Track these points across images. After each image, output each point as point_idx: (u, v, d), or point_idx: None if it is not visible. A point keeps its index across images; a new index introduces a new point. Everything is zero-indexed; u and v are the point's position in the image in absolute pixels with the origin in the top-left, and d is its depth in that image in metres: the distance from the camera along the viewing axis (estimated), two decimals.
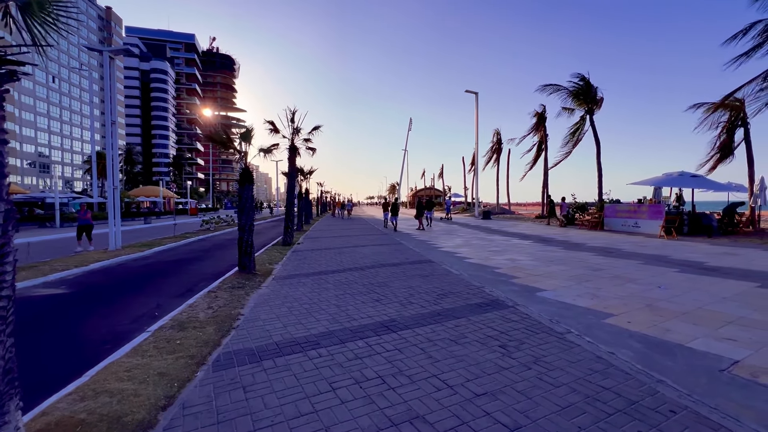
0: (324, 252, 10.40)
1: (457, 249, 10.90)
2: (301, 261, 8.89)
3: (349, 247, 11.54)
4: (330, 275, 7.08)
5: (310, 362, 3.48)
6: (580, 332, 4.20)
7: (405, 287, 6.04)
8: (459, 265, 8.11)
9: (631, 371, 3.33)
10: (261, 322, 4.52)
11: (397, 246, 11.51)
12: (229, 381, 3.20)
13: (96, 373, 3.41)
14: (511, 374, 3.25)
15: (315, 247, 11.75)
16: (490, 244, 12.11)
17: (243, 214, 7.35)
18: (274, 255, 9.95)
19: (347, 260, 8.85)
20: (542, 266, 7.92)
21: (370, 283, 6.33)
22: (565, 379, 3.18)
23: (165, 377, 3.28)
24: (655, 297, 5.44)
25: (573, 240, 12.70)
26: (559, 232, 16.06)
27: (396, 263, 8.30)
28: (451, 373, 3.28)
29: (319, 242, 13.09)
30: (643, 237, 13.19)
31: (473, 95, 29.21)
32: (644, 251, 9.71)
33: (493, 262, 8.55)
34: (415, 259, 8.91)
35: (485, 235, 15.47)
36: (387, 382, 3.15)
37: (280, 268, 8.01)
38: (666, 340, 3.99)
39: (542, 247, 10.92)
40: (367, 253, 10.05)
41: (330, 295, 5.66)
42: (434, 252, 10.39)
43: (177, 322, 4.58)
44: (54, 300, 6.08)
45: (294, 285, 6.33)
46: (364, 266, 8.01)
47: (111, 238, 11.50)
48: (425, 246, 11.81)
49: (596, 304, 5.19)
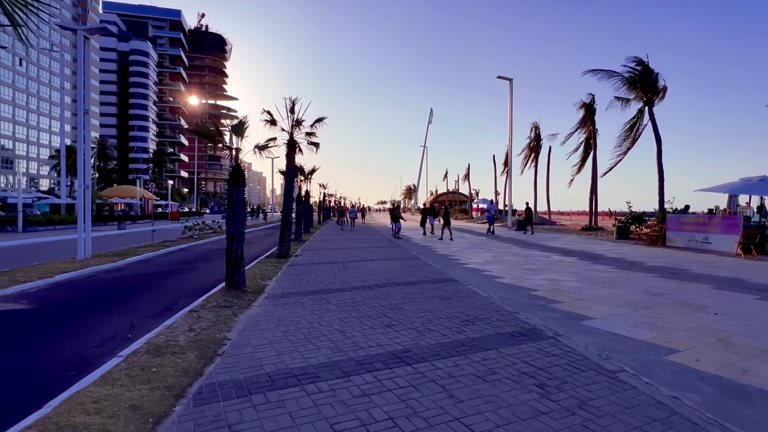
0: (326, 267, 10.46)
1: (485, 266, 10.86)
2: (299, 277, 8.96)
3: (355, 261, 11.58)
4: (333, 294, 7.11)
5: (308, 398, 3.48)
6: (636, 371, 4.11)
7: (422, 311, 6.02)
8: (488, 286, 8.07)
9: (699, 421, 3.22)
10: (251, 349, 4.56)
11: (413, 261, 11.51)
12: (212, 418, 3.22)
13: (59, 404, 3.46)
14: (551, 420, 3.18)
15: (315, 260, 11.82)
16: (526, 260, 12.01)
17: (232, 220, 7.47)
18: (268, 269, 10.06)
19: (353, 277, 8.89)
20: (589, 289, 7.82)
21: (380, 305, 6.33)
22: (618, 429, 3.11)
23: (138, 411, 3.32)
24: (730, 330, 5.29)
25: (628, 257, 12.50)
26: (610, 247, 15.81)
27: (412, 282, 8.30)
28: (476, 417, 3.21)
29: (321, 255, 13.18)
30: (715, 255, 12.92)
31: (506, 82, 29.20)
32: (716, 273, 9.51)
33: (530, 282, 8.48)
34: (435, 277, 8.90)
35: (520, 249, 15.35)
36: (399, 425, 3.12)
37: (275, 284, 8.09)
38: (743, 383, 3.89)
39: (589, 266, 10.79)
40: (377, 268, 10.08)
41: (333, 318, 5.68)
42: (457, 269, 10.35)
43: (153, 346, 4.65)
44: (13, 317, 6.25)
45: (290, 305, 6.38)
46: (373, 284, 8.02)
47: (80, 246, 11.78)
48: (447, 261, 11.76)
49: (656, 336, 5.08)
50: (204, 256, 14.26)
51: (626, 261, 11.75)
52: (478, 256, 13.20)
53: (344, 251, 14.26)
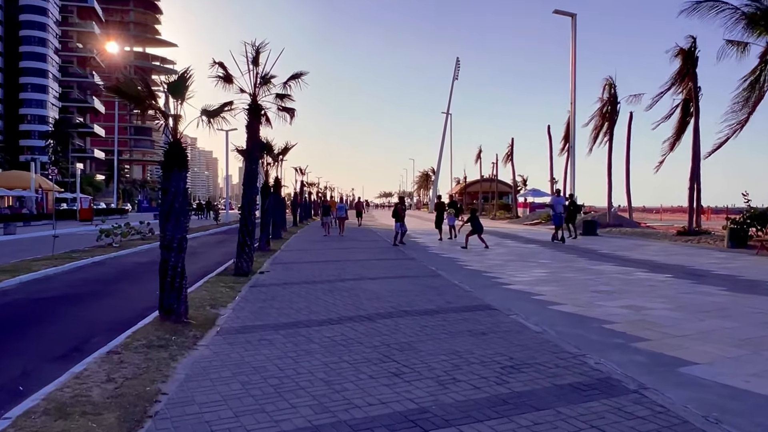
0: (305, 288, 10.48)
1: (536, 287, 10.86)
2: (266, 303, 8.98)
3: (347, 279, 11.60)
4: (315, 329, 7.11)
5: None
6: None
7: (445, 352, 6.02)
8: (540, 316, 8.07)
9: None
10: (196, 408, 4.56)
11: (431, 279, 11.52)
12: None
13: None
14: None
15: (290, 278, 11.83)
16: (596, 279, 12.00)
17: (169, 222, 7.48)
18: (221, 292, 10.10)
19: (345, 303, 8.90)
20: (689, 321, 7.79)
21: (384, 345, 6.34)
22: None
23: None
24: None
25: (745, 275, 12.46)
26: (720, 259, 15.76)
27: (429, 310, 8.30)
28: None
29: (298, 271, 13.21)
30: None
31: (566, 19, 29.23)
32: None
33: (602, 311, 8.48)
34: (463, 303, 8.90)
35: (587, 262, 15.35)
36: None
37: (231, 314, 8.10)
38: None
39: (689, 287, 10.75)
40: (380, 291, 10.09)
41: (315, 363, 5.68)
42: (495, 291, 10.35)
43: (55, 404, 4.66)
44: None
45: (254, 344, 6.39)
46: (373, 314, 8.02)
47: None
48: (480, 281, 11.75)
49: None
50: (128, 272, 14.31)
51: (743, 280, 11.70)
52: (525, 272, 13.19)
53: (331, 265, 14.28)
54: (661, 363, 5.87)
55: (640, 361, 5.91)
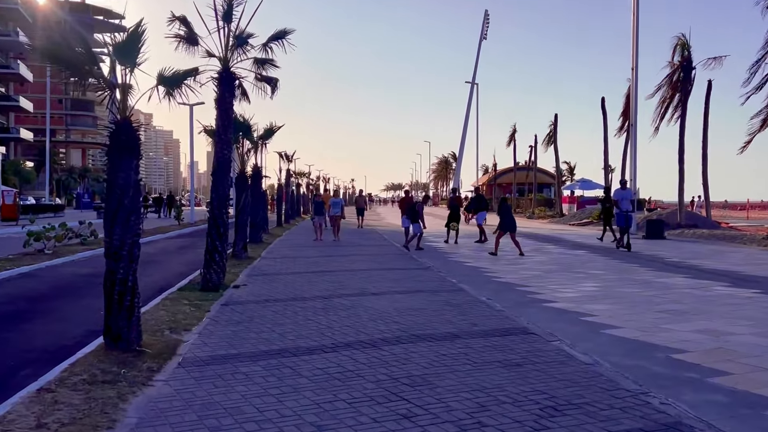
0: (292, 306, 10.53)
1: (585, 305, 10.90)
2: (242, 325, 9.01)
3: (346, 295, 11.65)
4: (304, 359, 7.13)
5: None
6: None
7: (469, 389, 6.03)
8: (590, 342, 8.08)
9: None
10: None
11: (450, 295, 11.56)
12: None
13: None
14: None
15: (272, 294, 11.90)
16: (663, 295, 12.01)
17: (117, 222, 7.50)
18: (184, 311, 10.13)
19: (341, 325, 8.94)
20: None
21: (391, 379, 6.35)
22: None
23: None
24: None
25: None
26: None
27: (450, 334, 8.34)
28: None
29: (283, 284, 13.28)
30: None
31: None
32: None
33: (669, 336, 8.49)
34: (493, 325, 8.93)
35: (651, 273, 15.36)
36: None
37: (197, 340, 8.13)
38: None
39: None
40: (386, 309, 10.14)
41: (305, 403, 5.70)
42: (534, 310, 10.39)
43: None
44: None
45: (226, 379, 6.41)
46: (378, 339, 8.05)
47: None
48: (514, 296, 11.79)
49: None
50: (65, 287, 14.35)
51: None
52: (571, 286, 13.21)
53: (326, 277, 14.33)
54: (746, 404, 5.85)
55: (719, 402, 5.89)
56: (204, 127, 18.80)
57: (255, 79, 15.04)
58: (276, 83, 15.34)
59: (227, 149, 13.83)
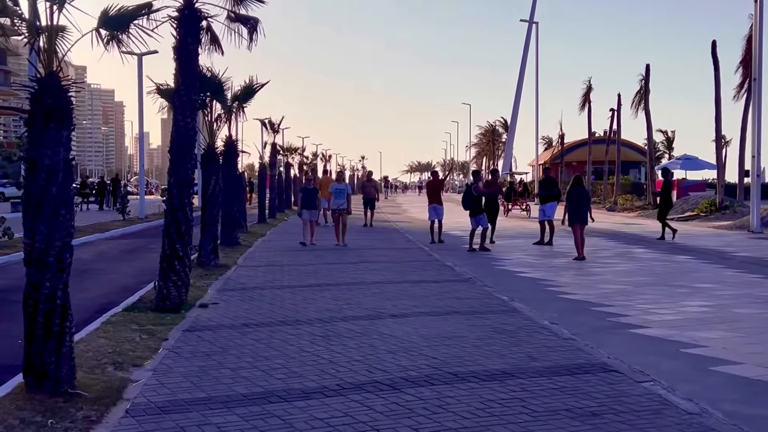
0: (280, 332, 10.51)
1: (688, 331, 10.81)
2: (212, 359, 8.98)
3: (354, 317, 11.64)
4: (298, 406, 7.06)
5: None
6: None
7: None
8: (696, 384, 7.97)
9: None
10: None
11: (501, 317, 11.52)
12: None
13: None
14: None
15: (253, 316, 11.88)
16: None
17: (41, 217, 7.47)
18: (134, 340, 10.10)
19: (349, 359, 8.88)
20: None
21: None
22: None
23: None
24: None
25: None
26: None
27: (499, 372, 8.27)
28: None
29: (267, 301, 13.27)
30: None
31: None
32: None
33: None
34: (559, 360, 8.88)
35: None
36: None
37: (152, 379, 8.09)
38: None
39: None
40: (411, 337, 10.09)
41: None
42: (617, 339, 10.32)
43: None
44: None
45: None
46: (399, 378, 7.98)
47: None
48: (589, 319, 11.72)
49: None
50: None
51: None
52: (669, 304, 13.09)
53: (326, 292, 14.32)
54: None
55: None
56: (157, 86, 18.72)
57: (227, 19, 14.98)
58: (255, 25, 15.16)
59: (190, 116, 13.67)
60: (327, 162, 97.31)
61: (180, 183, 13.17)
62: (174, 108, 13.75)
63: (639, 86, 56.53)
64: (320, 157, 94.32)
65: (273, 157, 46.99)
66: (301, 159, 72.23)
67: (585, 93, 67.44)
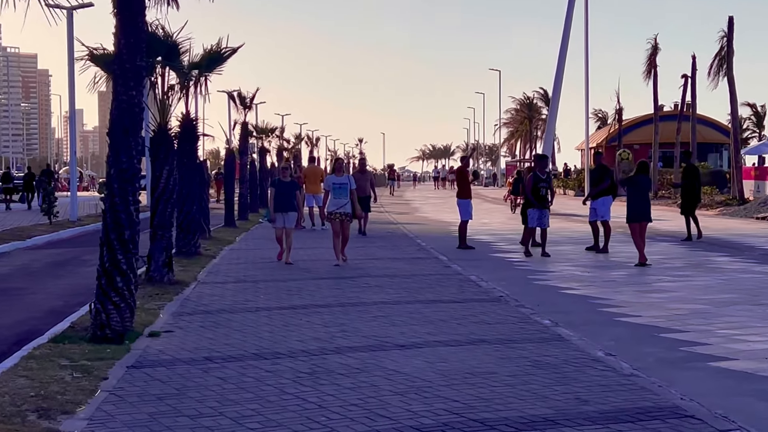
0: (253, 369, 10.55)
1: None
2: (165, 404, 8.96)
3: (351, 348, 11.72)
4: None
5: None
6: None
7: None
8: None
9: None
10: None
11: (542, 346, 11.58)
12: None
13: None
14: None
15: (218, 347, 11.96)
16: None
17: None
18: (63, 380, 10.10)
19: (343, 403, 8.85)
20: None
21: None
22: None
23: None
24: None
25: None
26: None
27: (539, 418, 8.21)
28: None
29: (237, 328, 13.37)
30: None
31: None
32: None
33: None
34: (618, 402, 8.80)
35: None
36: None
37: (86, 431, 8.15)
38: None
39: None
40: (424, 373, 10.12)
41: None
42: (691, 373, 10.39)
43: None
44: None
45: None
46: (408, 428, 7.91)
47: None
48: (656, 348, 11.81)
49: None
50: None
51: None
52: (761, 329, 13.11)
53: (314, 317, 14.42)
54: None
55: None
56: (90, 51, 18.72)
57: None
58: None
59: (135, 87, 13.55)
60: (314, 147, 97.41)
61: (123, 175, 13.00)
62: (114, 77, 13.62)
63: (719, 46, 56.52)
64: (305, 141, 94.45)
65: (244, 141, 46.67)
66: (280, 143, 71.93)
67: (650, 56, 67.43)
